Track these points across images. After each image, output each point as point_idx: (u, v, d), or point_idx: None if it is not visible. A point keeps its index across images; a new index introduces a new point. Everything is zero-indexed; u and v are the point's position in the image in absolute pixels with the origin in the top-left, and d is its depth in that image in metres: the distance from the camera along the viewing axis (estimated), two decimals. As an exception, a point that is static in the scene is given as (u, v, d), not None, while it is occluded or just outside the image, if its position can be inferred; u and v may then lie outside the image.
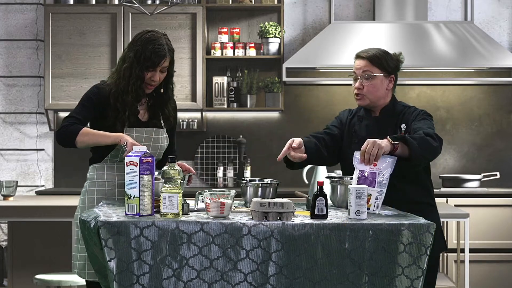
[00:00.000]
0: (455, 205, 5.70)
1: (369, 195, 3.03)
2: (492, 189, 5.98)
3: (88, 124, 3.44)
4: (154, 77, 3.37)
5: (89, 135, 3.30)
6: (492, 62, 5.92)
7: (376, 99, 3.38)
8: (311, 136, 3.44)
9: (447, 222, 5.70)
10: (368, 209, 3.02)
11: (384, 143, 3.07)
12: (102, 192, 3.40)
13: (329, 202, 3.20)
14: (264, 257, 2.65)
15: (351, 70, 3.43)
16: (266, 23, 6.18)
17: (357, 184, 3.08)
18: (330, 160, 3.48)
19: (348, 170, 3.35)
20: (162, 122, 3.51)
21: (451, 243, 5.71)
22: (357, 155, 3.12)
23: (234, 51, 6.25)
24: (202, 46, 6.12)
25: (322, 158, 3.43)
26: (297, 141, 3.25)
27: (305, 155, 3.27)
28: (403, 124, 3.33)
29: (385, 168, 3.09)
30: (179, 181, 2.80)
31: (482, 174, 6.12)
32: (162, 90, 3.47)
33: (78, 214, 3.41)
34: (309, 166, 3.61)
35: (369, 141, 3.08)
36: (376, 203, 3.06)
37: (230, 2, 6.30)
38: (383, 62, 3.36)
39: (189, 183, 3.39)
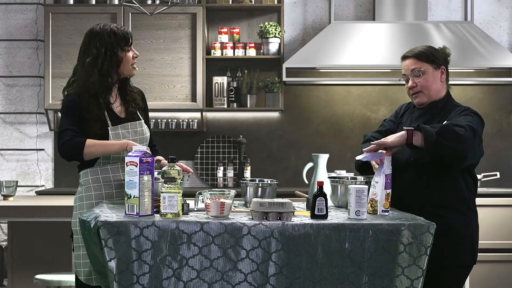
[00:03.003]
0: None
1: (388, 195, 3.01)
2: (492, 189, 5.97)
3: None
4: (134, 54, 3.43)
5: (95, 146, 3.29)
6: (492, 62, 5.92)
7: (433, 93, 3.31)
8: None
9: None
10: (388, 211, 2.99)
11: (392, 136, 3.06)
12: (100, 195, 3.38)
13: (329, 202, 3.20)
14: (264, 257, 2.65)
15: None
16: (266, 23, 6.18)
17: (384, 189, 3.02)
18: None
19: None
20: (138, 112, 3.51)
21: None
22: (386, 160, 3.09)
23: (234, 51, 6.25)
24: (202, 46, 6.12)
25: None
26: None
27: None
28: (446, 121, 3.24)
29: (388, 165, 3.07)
30: (179, 181, 2.80)
31: (482, 174, 6.11)
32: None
33: (77, 220, 3.37)
34: (309, 166, 3.60)
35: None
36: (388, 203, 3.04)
37: (230, 2, 6.30)
38: (430, 56, 3.31)
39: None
